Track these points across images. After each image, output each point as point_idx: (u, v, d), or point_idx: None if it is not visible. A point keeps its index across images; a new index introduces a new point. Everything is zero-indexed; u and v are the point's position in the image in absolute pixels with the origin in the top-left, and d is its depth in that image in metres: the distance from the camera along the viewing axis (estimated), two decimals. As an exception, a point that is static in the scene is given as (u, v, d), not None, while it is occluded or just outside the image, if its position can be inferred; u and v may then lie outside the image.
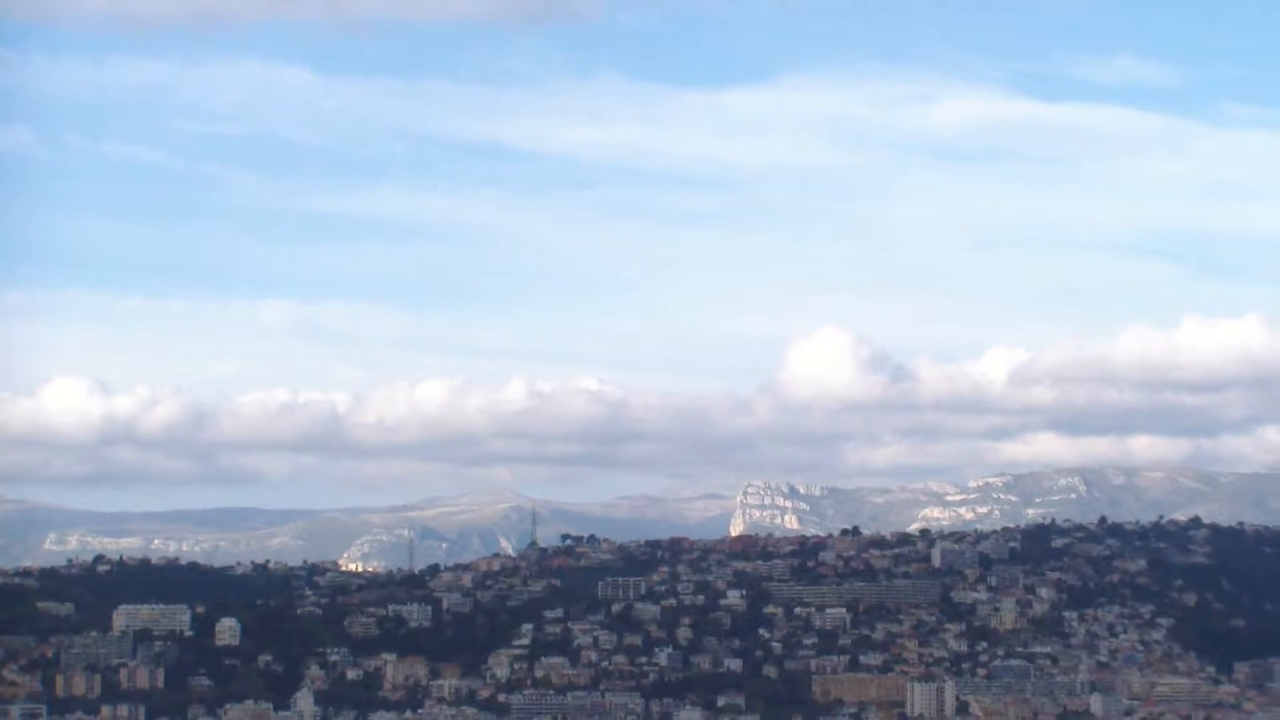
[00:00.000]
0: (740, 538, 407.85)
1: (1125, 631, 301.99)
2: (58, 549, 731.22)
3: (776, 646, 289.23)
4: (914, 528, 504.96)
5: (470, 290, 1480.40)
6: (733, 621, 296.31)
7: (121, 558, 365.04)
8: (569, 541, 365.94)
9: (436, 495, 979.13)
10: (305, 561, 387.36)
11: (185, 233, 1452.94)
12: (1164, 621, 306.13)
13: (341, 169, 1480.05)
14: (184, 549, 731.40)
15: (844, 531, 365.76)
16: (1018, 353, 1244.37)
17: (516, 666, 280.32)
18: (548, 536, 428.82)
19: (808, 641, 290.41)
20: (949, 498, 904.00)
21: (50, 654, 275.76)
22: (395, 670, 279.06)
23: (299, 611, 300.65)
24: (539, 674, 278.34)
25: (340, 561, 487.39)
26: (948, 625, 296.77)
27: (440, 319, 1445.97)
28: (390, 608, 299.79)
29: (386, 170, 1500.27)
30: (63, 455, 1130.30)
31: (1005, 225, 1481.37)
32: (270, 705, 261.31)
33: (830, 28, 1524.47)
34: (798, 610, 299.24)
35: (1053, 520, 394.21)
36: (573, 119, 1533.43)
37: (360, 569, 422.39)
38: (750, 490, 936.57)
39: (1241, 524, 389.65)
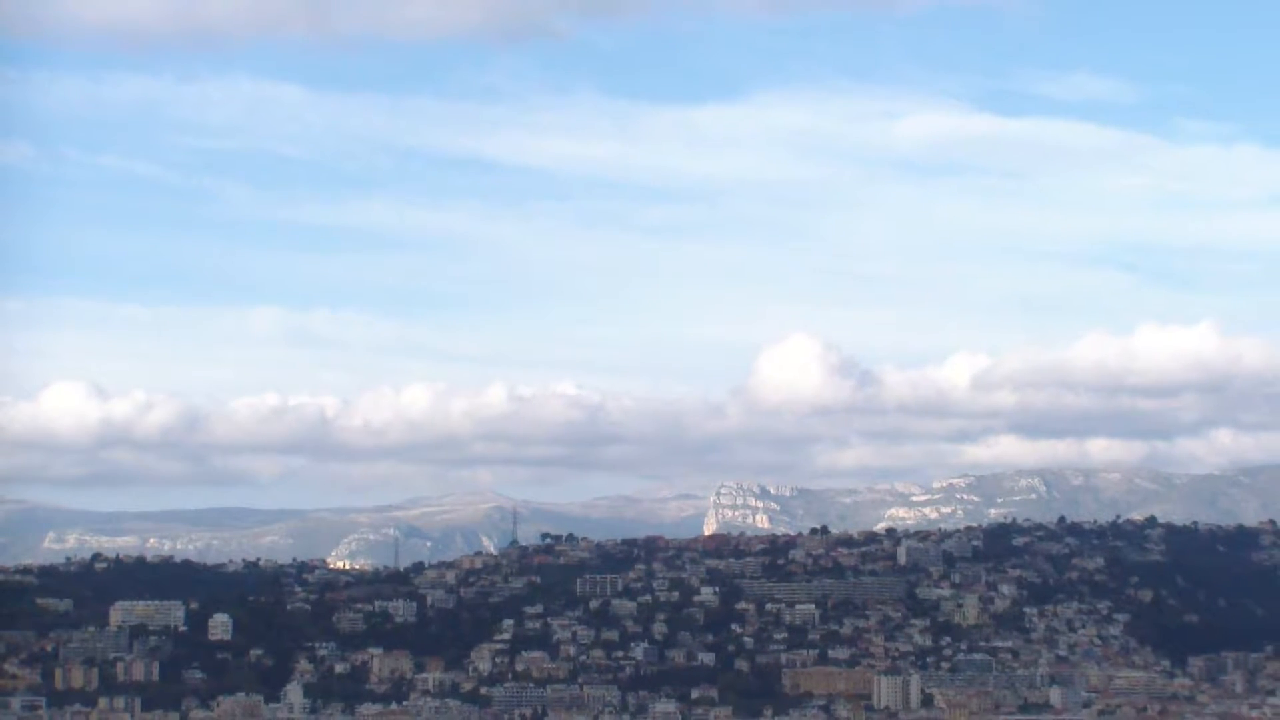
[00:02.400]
0: (713, 536, 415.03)
1: (1084, 627, 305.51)
2: (57, 547, 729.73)
3: (748, 641, 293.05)
4: (880, 527, 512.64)
5: (453, 298, 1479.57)
6: (706, 617, 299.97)
7: (118, 556, 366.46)
8: (548, 540, 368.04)
9: (421, 496, 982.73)
10: (295, 559, 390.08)
11: (180, 243, 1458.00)
12: (1121, 617, 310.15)
13: (330, 182, 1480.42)
14: (178, 547, 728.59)
15: (813, 530, 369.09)
16: (979, 359, 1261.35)
17: (498, 660, 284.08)
18: (528, 535, 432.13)
19: (778, 636, 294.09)
20: (914, 498, 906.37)
21: (49, 648, 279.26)
22: (381, 664, 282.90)
23: (289, 607, 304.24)
24: (519, 668, 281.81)
25: (328, 559, 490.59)
26: (913, 621, 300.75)
27: (424, 326, 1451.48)
28: (377, 604, 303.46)
29: (373, 183, 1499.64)
30: (61, 457, 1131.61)
31: (967, 236, 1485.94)
32: (261, 698, 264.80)
33: (800, 47, 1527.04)
34: (769, 606, 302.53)
35: (1014, 520, 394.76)
36: (551, 134, 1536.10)
37: (348, 567, 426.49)
38: (723, 491, 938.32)
39: (1195, 523, 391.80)
